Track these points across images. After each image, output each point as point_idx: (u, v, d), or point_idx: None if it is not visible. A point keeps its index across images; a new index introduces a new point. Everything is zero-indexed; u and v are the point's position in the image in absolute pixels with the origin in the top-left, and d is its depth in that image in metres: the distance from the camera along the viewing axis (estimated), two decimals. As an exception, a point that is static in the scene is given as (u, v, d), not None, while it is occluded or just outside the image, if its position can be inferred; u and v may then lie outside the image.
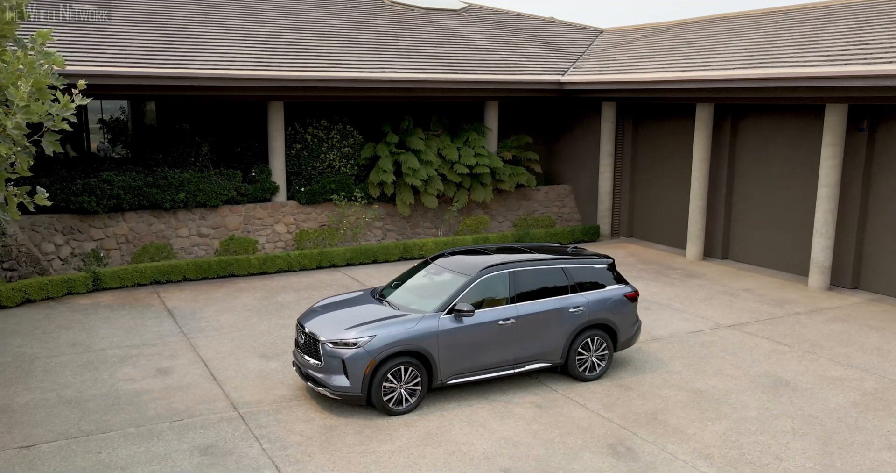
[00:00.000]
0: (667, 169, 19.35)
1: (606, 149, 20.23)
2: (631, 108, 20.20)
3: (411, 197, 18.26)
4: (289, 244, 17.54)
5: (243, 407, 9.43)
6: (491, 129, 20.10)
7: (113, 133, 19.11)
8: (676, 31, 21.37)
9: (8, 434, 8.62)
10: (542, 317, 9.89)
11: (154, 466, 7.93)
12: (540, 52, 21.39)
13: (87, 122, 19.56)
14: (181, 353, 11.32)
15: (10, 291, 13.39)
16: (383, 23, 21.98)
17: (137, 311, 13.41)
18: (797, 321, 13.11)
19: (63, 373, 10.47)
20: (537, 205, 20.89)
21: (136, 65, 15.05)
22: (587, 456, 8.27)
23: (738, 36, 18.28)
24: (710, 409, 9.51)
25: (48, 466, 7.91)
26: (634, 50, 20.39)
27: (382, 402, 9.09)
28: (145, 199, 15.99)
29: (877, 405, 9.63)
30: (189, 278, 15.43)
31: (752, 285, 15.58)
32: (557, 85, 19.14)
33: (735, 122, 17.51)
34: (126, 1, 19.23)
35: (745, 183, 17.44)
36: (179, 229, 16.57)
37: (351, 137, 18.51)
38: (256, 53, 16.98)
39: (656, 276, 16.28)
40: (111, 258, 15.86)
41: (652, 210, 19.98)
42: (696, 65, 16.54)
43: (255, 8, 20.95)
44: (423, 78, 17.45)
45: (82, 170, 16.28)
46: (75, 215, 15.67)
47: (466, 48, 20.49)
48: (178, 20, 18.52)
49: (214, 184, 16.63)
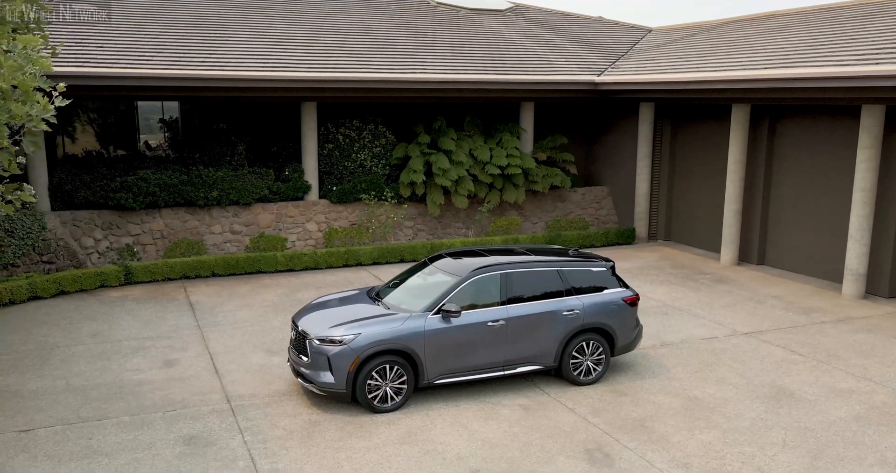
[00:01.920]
0: (705, 171, 18.90)
1: (643, 150, 19.89)
2: (669, 109, 19.80)
3: (441, 197, 18.35)
4: (319, 242, 17.87)
5: (236, 400, 9.69)
6: (526, 130, 20.01)
7: (167, 132, 19.84)
8: (722, 30, 20.84)
9: (11, 418, 9.09)
10: (534, 319, 9.84)
11: (137, 453, 8.25)
12: (580, 53, 21.18)
13: (138, 121, 20.37)
14: (191, 346, 11.69)
15: (45, 282, 14.06)
16: (424, 24, 22.14)
17: (161, 304, 13.91)
18: (820, 331, 12.65)
19: (77, 362, 10.95)
20: (573, 207, 20.69)
21: (173, 67, 15.58)
22: (561, 461, 8.20)
23: (780, 34, 17.72)
24: (702, 418, 9.29)
25: (40, 449, 8.31)
26: (675, 49, 19.99)
27: (367, 399, 9.22)
28: (180, 196, 16.55)
29: (881, 420, 9.24)
30: (217, 274, 15.90)
31: (782, 292, 15.08)
32: (592, 85, 18.92)
33: (773, 123, 16.98)
34: (173, 4, 19.93)
35: (782, 186, 16.89)
36: (213, 226, 17.09)
37: (383, 137, 18.72)
38: (290, 55, 17.36)
39: (683, 281, 15.93)
40: (147, 253, 16.48)
41: (690, 213, 19.55)
42: (729, 64, 16.12)
43: (297, 10, 21.40)
44: (452, 78, 17.51)
45: (123, 168, 16.96)
46: (114, 212, 16.33)
47: (504, 49, 20.45)
48: (219, 23, 19.08)
49: (247, 182, 17.08)
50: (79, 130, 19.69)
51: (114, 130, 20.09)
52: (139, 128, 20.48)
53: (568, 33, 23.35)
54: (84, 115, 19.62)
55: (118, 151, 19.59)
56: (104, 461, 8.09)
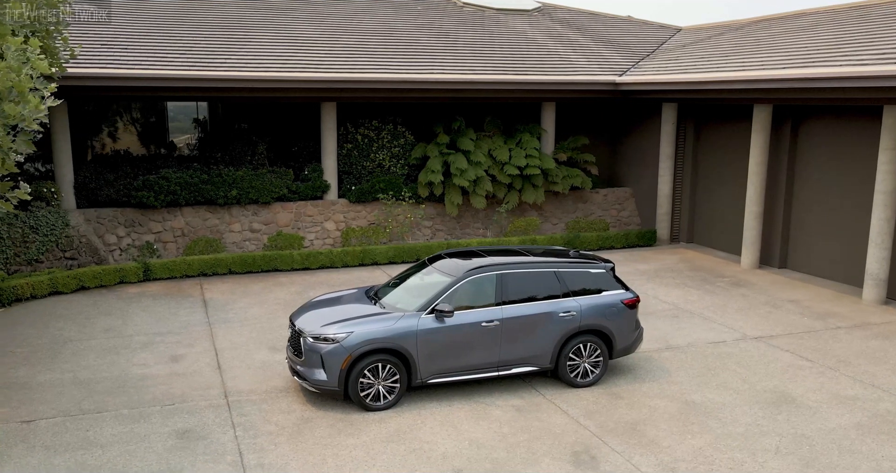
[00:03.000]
0: (728, 173, 18.60)
1: (666, 151, 19.65)
2: (692, 109, 19.53)
3: (459, 197, 18.38)
4: (337, 242, 18.04)
5: (234, 396, 9.85)
6: (546, 130, 19.93)
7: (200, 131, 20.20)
8: (749, 29, 20.50)
9: (16, 409, 9.38)
10: (529, 320, 9.81)
11: (130, 446, 8.45)
12: (603, 53, 21.02)
13: (168, 121, 20.81)
14: (198, 342, 11.91)
15: (66, 278, 14.45)
16: (447, 24, 22.19)
17: (176, 301, 14.19)
18: (833, 336, 12.37)
19: (87, 356, 11.24)
20: (595, 208, 20.54)
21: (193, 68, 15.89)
22: (546, 462, 8.17)
23: (807, 33, 17.37)
24: (696, 422, 9.16)
25: (38, 440, 8.57)
26: (699, 49, 19.71)
27: (359, 397, 9.30)
28: (200, 195, 16.85)
29: (882, 429, 9.01)
30: (234, 272, 16.16)
31: (801, 296, 14.78)
32: (612, 85, 18.76)
33: (795, 124, 16.65)
34: (201, 5, 20.31)
35: (805, 188, 16.55)
36: (232, 225, 17.37)
37: (402, 137, 18.82)
38: (310, 56, 17.56)
39: (700, 284, 15.71)
40: (167, 251, 16.82)
41: (713, 215, 19.26)
42: (749, 64, 15.85)
43: (322, 12, 21.62)
44: (470, 79, 17.53)
45: (146, 167, 17.34)
46: (137, 209, 16.71)
47: (525, 49, 20.39)
48: (243, 24, 19.38)
49: (266, 181, 17.32)
50: (109, 130, 20.16)
51: (143, 130, 20.54)
52: (169, 128, 20.92)
53: (594, 33, 23.18)
54: (114, 115, 20.08)
55: (145, 150, 20.02)
56: (98, 452, 8.30)
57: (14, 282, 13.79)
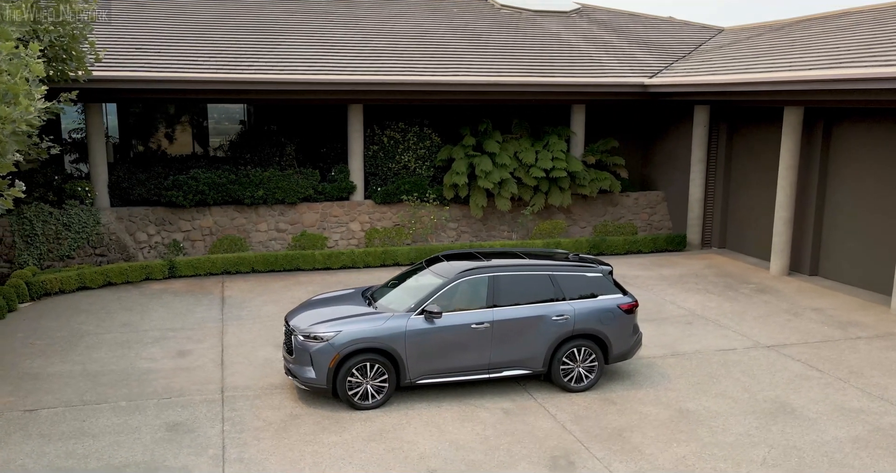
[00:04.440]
0: (761, 177, 18.13)
1: (697, 155, 19.27)
2: (725, 112, 19.11)
3: (484, 200, 18.37)
4: (362, 242, 18.24)
5: (229, 391, 10.07)
6: (576, 133, 19.76)
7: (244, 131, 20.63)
8: (789, 30, 19.96)
9: (23, 398, 9.78)
10: (521, 323, 9.77)
11: (120, 436, 8.72)
12: (636, 54, 20.73)
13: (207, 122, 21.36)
14: (208, 338, 12.21)
15: (94, 274, 14.97)
16: (481, 26, 22.20)
17: (196, 298, 14.56)
18: (851, 346, 11.96)
19: (100, 349, 11.64)
20: (625, 211, 20.27)
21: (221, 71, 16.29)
22: (522, 466, 8.13)
23: (843, 33, 16.84)
24: (686, 430, 8.99)
25: (36, 428, 8.92)
26: (733, 50, 19.28)
27: (347, 396, 9.40)
28: (227, 195, 17.25)
29: (881, 443, 8.68)
30: (257, 270, 16.49)
31: (826, 304, 14.32)
32: (641, 88, 18.49)
33: (827, 127, 16.14)
34: (241, 9, 20.80)
35: (838, 193, 16.02)
36: (259, 224, 17.72)
37: (428, 138, 18.91)
38: (338, 59, 17.79)
39: (723, 290, 15.35)
40: (196, 249, 17.27)
41: (745, 220, 18.80)
42: (777, 65, 15.44)
43: (359, 15, 21.88)
44: (495, 81, 17.51)
45: (178, 167, 17.82)
46: (167, 208, 17.19)
47: (556, 50, 20.26)
48: (277, 28, 19.75)
49: (293, 182, 17.62)
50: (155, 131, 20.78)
51: (185, 131, 21.12)
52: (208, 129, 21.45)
53: (630, 34, 22.88)
54: (161, 117, 20.70)
55: (187, 151, 20.57)
56: (88, 442, 8.59)
57: (43, 277, 14.35)
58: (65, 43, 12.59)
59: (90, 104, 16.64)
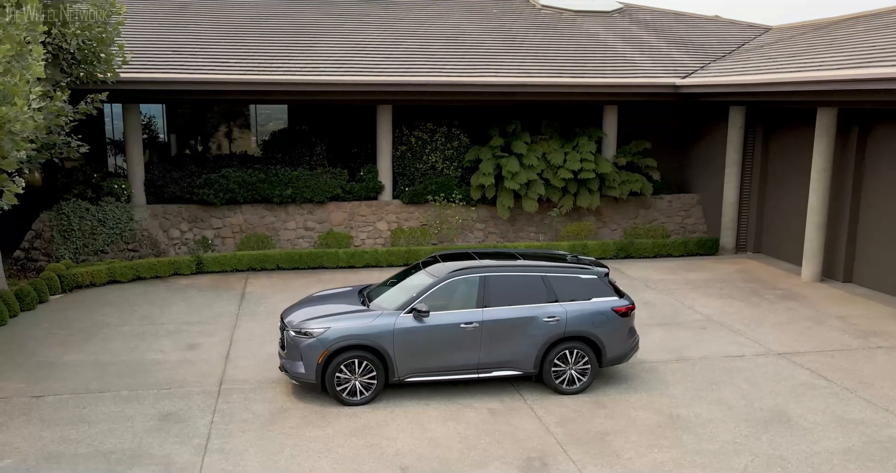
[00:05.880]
0: (798, 181, 17.60)
1: (732, 157, 18.81)
2: (761, 113, 18.60)
3: (511, 201, 18.32)
4: (388, 242, 18.42)
5: (227, 384, 10.34)
6: (607, 134, 19.54)
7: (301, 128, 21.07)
8: (833, 28, 19.32)
9: (33, 385, 10.24)
10: (510, 324, 9.75)
11: (114, 424, 9.06)
12: (672, 54, 20.37)
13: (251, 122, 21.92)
14: (220, 332, 12.54)
15: (124, 268, 15.54)
16: (518, 27, 22.14)
17: (218, 293, 14.96)
18: (868, 356, 11.53)
19: (116, 340, 12.09)
20: (658, 214, 19.93)
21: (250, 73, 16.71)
22: (495, 466, 8.13)
23: (886, 32, 16.20)
24: (671, 437, 8.83)
25: (38, 413, 9.34)
26: (772, 50, 18.76)
27: (336, 391, 9.55)
28: (257, 193, 17.66)
29: (874, 455, 8.37)
30: (282, 267, 16.83)
31: (853, 312, 13.82)
32: (672, 88, 18.16)
33: (863, 129, 15.57)
34: (268, 14, 21.27)
35: (873, 197, 15.44)
36: (288, 222, 18.09)
37: (456, 139, 18.97)
38: (369, 60, 18.02)
39: (747, 296, 14.97)
40: (226, 246, 17.73)
41: (781, 225, 18.27)
42: (808, 65, 14.98)
43: (394, 17, 22.11)
44: (522, 82, 17.46)
45: (211, 166, 18.34)
46: (199, 206, 17.71)
47: (590, 51, 20.07)
48: (312, 30, 20.13)
49: (321, 181, 17.93)
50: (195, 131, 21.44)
51: (225, 131, 21.70)
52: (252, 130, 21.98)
53: (671, 34, 22.49)
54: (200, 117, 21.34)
55: (222, 150, 21.14)
56: (84, 428, 8.96)
57: (75, 270, 14.97)
58: (93, 46, 13.11)
59: (127, 105, 17.27)
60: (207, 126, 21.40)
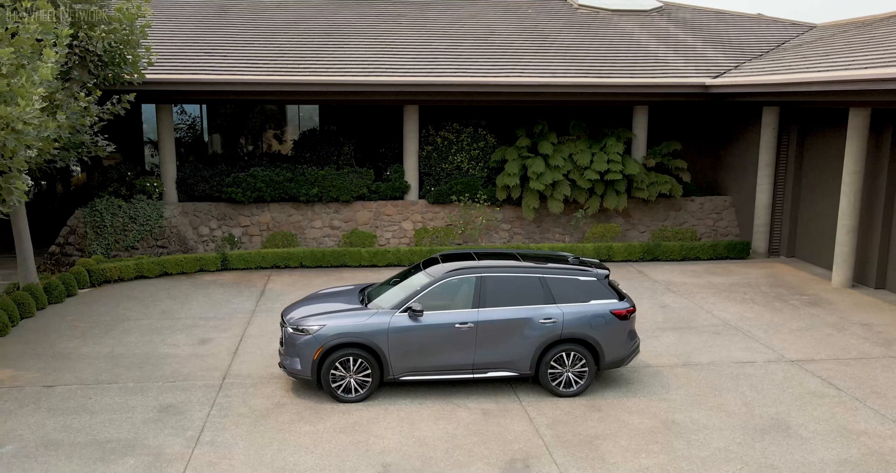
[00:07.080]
0: (831, 183, 17.09)
1: (765, 158, 18.36)
2: (796, 114, 18.11)
3: (536, 201, 18.24)
4: (413, 241, 18.52)
5: (230, 378, 10.56)
6: (636, 135, 19.28)
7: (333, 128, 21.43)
8: (874, 26, 18.71)
9: (48, 375, 10.63)
10: (505, 325, 9.73)
11: (114, 414, 9.35)
12: (707, 54, 19.98)
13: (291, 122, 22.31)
14: (233, 328, 12.81)
15: (151, 264, 15.98)
16: (552, 27, 22.02)
17: (239, 289, 15.27)
18: (887, 365, 11.14)
19: (132, 334, 12.45)
20: (688, 216, 19.58)
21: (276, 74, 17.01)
22: (476, 466, 8.13)
23: (925, 29, 15.65)
24: (662, 442, 8.69)
25: (46, 402, 9.69)
26: (811, 48, 18.25)
27: (331, 388, 9.67)
28: (284, 192, 17.96)
29: (871, 467, 8.10)
30: (305, 265, 17.08)
31: (879, 319, 13.37)
32: (702, 88, 17.82)
33: (897, 130, 15.04)
34: (304, 16, 21.59)
35: (906, 201, 14.92)
36: (314, 221, 18.34)
37: (483, 139, 18.97)
38: (397, 61, 18.17)
39: (770, 301, 14.60)
40: (253, 243, 18.08)
41: (814, 229, 17.76)
42: (839, 64, 14.54)
43: (427, 17, 22.21)
44: (548, 82, 17.36)
45: (241, 165, 18.72)
46: (228, 204, 18.10)
47: (623, 50, 19.83)
48: (344, 31, 20.37)
49: (347, 181, 18.14)
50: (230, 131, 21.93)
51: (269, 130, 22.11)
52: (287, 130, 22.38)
53: (709, 33, 22.07)
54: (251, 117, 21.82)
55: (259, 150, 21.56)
56: (86, 418, 9.26)
57: (104, 265, 15.46)
58: (119, 48, 13.53)
59: (160, 105, 17.75)
60: (246, 126, 21.85)
